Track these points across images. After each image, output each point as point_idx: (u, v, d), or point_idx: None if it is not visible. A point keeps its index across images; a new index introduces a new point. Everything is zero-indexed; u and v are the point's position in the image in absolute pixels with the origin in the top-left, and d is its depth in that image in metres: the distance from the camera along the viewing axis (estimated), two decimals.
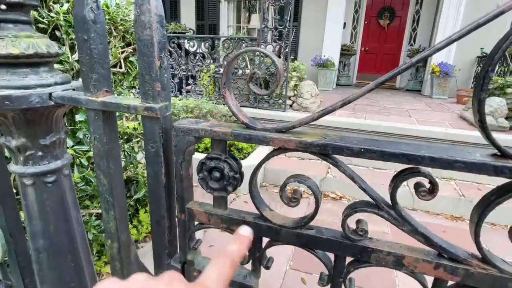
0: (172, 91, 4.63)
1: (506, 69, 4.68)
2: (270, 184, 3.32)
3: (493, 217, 2.53)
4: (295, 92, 4.55)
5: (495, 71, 4.98)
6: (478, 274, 0.38)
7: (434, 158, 0.36)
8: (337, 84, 7.15)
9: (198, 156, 2.46)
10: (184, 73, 4.78)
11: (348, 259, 0.46)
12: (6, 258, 0.80)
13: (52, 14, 1.23)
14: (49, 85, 0.54)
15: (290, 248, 2.35)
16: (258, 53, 4.53)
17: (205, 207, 0.53)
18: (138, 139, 1.90)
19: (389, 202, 0.41)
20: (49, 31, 1.27)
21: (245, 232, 0.34)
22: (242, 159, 3.14)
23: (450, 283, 0.41)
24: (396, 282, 2.04)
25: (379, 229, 2.43)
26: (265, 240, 0.51)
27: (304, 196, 3.09)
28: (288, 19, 3.98)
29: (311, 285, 2.03)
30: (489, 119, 3.59)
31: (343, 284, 0.47)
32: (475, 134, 3.36)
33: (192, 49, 4.72)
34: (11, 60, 0.51)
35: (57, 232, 0.64)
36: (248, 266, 0.54)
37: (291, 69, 4.54)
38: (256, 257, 0.52)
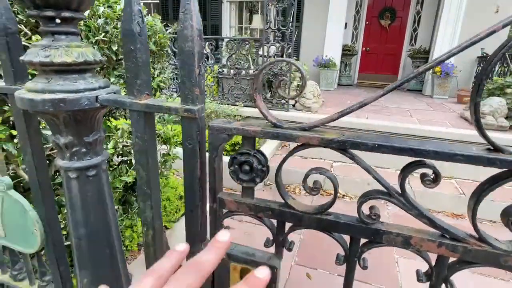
0: (175, 91, 4.70)
1: (506, 69, 4.74)
2: (273, 182, 3.39)
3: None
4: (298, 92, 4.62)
5: (496, 71, 5.05)
6: (475, 251, 0.45)
7: (437, 152, 0.43)
8: (338, 84, 7.22)
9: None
10: None
11: (362, 241, 0.53)
12: (43, 251, 0.87)
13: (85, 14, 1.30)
14: (94, 89, 0.61)
15: (295, 245, 2.42)
16: (260, 53, 4.60)
17: (234, 197, 0.60)
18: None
19: (399, 190, 0.48)
20: None
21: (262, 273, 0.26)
22: None
23: (451, 259, 0.48)
24: (398, 277, 2.10)
25: None
26: (287, 226, 0.58)
27: (306, 194, 3.16)
28: (291, 20, 4.05)
29: (316, 280, 2.09)
30: (489, 119, 3.66)
31: (357, 263, 0.54)
32: (476, 133, 3.43)
33: None
34: (64, 67, 0.57)
35: (96, 221, 0.71)
36: (271, 249, 0.61)
37: (293, 69, 4.60)
38: (280, 241, 0.58)
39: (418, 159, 0.46)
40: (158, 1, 7.68)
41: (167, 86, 1.96)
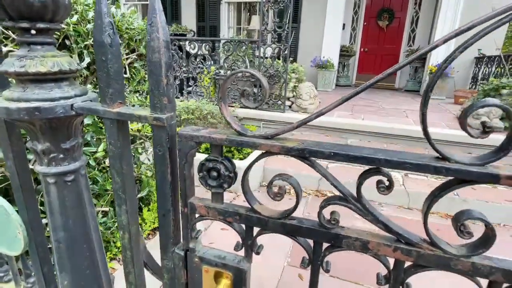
0: None
1: (502, 70, 4.75)
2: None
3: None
4: (294, 93, 4.63)
5: (492, 72, 5.05)
6: (427, 255, 0.47)
7: (388, 160, 0.44)
8: (336, 85, 7.23)
9: (199, 157, 2.55)
10: (185, 74, 4.87)
11: (325, 245, 0.55)
12: (27, 251, 0.88)
13: (62, 25, 1.32)
14: (70, 97, 0.63)
15: (288, 246, 2.43)
16: (257, 54, 4.62)
17: (204, 201, 0.62)
18: (142, 140, 1.99)
19: (356, 196, 0.50)
20: (59, 40, 1.36)
21: None
22: (242, 159, 3.24)
23: (406, 264, 0.50)
24: None
25: None
26: (255, 230, 0.60)
27: (303, 196, 3.17)
28: (287, 21, 4.07)
29: (308, 282, 2.11)
30: (484, 120, 3.66)
31: (320, 266, 0.55)
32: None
33: (193, 51, 4.82)
34: (39, 76, 0.59)
35: (75, 225, 0.73)
36: (241, 252, 0.62)
37: (290, 70, 4.62)
38: (248, 244, 0.60)
39: (374, 166, 0.47)
40: None
41: None
